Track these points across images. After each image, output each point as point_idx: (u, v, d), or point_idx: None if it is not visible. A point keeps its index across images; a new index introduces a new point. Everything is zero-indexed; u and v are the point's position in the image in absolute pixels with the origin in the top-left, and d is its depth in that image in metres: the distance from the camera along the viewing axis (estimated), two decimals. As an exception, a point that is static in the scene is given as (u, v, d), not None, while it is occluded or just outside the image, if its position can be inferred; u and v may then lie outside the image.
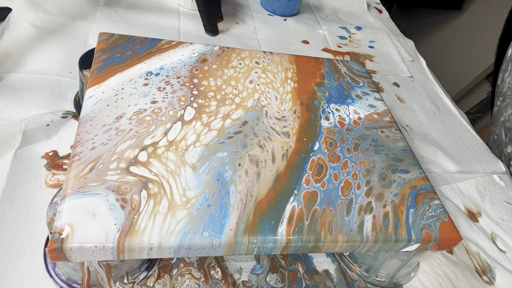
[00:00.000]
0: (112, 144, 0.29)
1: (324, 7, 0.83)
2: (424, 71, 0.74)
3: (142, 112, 0.33)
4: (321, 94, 0.41)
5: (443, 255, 0.41)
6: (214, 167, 0.30)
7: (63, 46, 0.51)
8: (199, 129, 0.33)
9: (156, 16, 0.63)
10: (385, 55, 0.74)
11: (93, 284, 0.29)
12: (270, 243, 0.27)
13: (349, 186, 0.32)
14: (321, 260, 0.38)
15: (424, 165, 0.52)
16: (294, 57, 0.45)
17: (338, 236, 0.29)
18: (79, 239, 0.24)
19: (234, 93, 0.38)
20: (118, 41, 0.39)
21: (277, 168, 0.32)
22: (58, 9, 0.57)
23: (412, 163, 0.36)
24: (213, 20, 0.61)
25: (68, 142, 0.40)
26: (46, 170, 0.37)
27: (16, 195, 0.35)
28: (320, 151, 0.35)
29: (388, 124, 0.40)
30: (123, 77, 0.35)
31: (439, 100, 0.68)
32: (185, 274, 0.33)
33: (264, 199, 0.29)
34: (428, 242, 0.31)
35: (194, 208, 0.27)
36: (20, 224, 0.33)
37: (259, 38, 0.67)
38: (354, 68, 0.47)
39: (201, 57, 0.41)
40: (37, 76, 0.46)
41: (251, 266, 0.36)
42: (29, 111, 0.41)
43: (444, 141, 0.59)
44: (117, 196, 0.26)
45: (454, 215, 0.47)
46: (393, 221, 0.31)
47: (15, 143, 0.38)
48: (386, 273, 0.37)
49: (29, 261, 0.31)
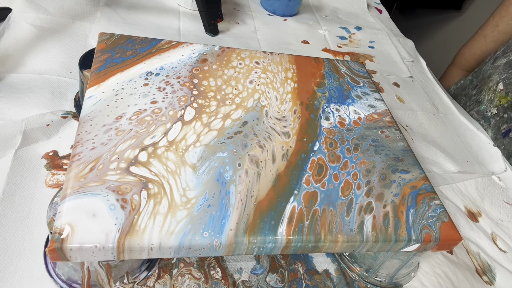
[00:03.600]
0: (112, 144, 0.29)
1: (324, 7, 0.83)
2: (424, 71, 0.74)
3: (142, 112, 0.33)
4: (321, 94, 0.41)
5: (443, 255, 0.41)
6: (214, 167, 0.30)
7: (63, 46, 0.51)
8: (199, 129, 0.33)
9: (156, 16, 0.63)
10: (385, 55, 0.74)
11: (93, 284, 0.29)
12: (270, 243, 0.27)
13: (349, 186, 0.32)
14: (321, 260, 0.38)
15: (424, 165, 0.52)
16: (294, 57, 0.45)
17: (338, 236, 0.29)
18: (79, 239, 0.24)
19: (234, 93, 0.38)
20: (118, 41, 0.39)
21: (277, 168, 0.32)
22: (58, 9, 0.57)
23: (412, 163, 0.36)
24: (213, 20, 0.61)
25: (68, 142, 0.40)
26: (46, 170, 0.37)
27: (16, 195, 0.35)
28: (320, 151, 0.35)
29: (388, 124, 0.40)
30: (123, 77, 0.35)
31: (439, 100, 0.68)
32: (185, 274, 0.33)
33: (264, 199, 0.29)
34: (428, 242, 0.31)
35: (194, 208, 0.27)
36: (20, 224, 0.33)
37: (259, 38, 0.67)
38: (354, 68, 0.47)
39: (201, 57, 0.41)
40: (37, 76, 0.46)
41: (251, 266, 0.36)
42: (29, 111, 0.41)
43: (444, 141, 0.59)
44: (117, 196, 0.26)
45: (454, 215, 0.47)
46: (393, 221, 0.31)
47: (15, 143, 0.38)
48: (386, 273, 0.37)
49: (29, 261, 0.31)
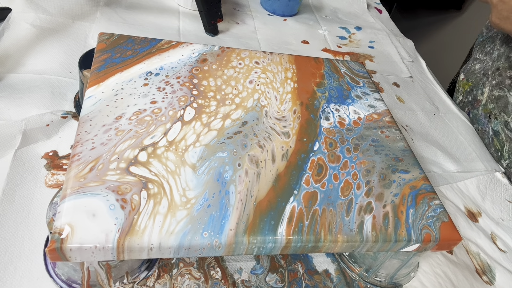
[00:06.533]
0: (111, 144, 0.29)
1: (324, 7, 0.83)
2: (424, 71, 0.74)
3: (142, 112, 0.33)
4: (321, 94, 0.41)
5: (443, 255, 0.41)
6: (214, 167, 0.30)
7: (63, 46, 0.51)
8: (199, 129, 0.33)
9: (156, 16, 0.63)
10: (385, 55, 0.74)
11: (93, 284, 0.29)
12: (270, 243, 0.27)
13: (349, 186, 0.32)
14: (321, 260, 0.38)
15: (424, 165, 0.52)
16: (294, 57, 0.45)
17: (338, 236, 0.29)
18: (79, 239, 0.24)
19: (234, 93, 0.38)
20: (118, 41, 0.39)
21: (277, 168, 0.32)
22: (58, 9, 0.57)
23: (412, 163, 0.36)
24: (213, 20, 0.61)
25: (68, 142, 0.40)
26: (46, 170, 0.37)
27: (16, 195, 0.35)
28: (320, 151, 0.35)
29: (388, 124, 0.40)
30: (122, 77, 0.35)
31: (439, 100, 0.68)
32: (185, 274, 0.33)
33: (264, 199, 0.29)
34: (428, 242, 0.31)
35: (194, 208, 0.27)
36: (20, 224, 0.33)
37: (259, 38, 0.67)
38: (354, 68, 0.47)
39: (201, 57, 0.41)
40: (37, 76, 0.46)
41: (251, 266, 0.36)
42: (29, 111, 0.41)
43: (445, 141, 0.59)
44: (117, 196, 0.26)
45: (454, 215, 0.47)
46: (393, 221, 0.31)
47: (15, 143, 0.38)
48: (386, 273, 0.37)
49: (29, 261, 0.31)
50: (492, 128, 0.57)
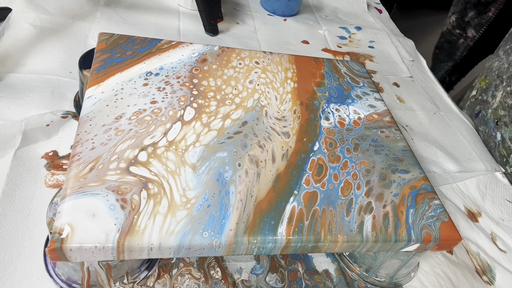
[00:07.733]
0: (111, 144, 0.29)
1: (324, 7, 0.83)
2: (424, 71, 0.74)
3: (142, 112, 0.33)
4: (321, 94, 0.41)
5: (443, 255, 0.41)
6: (214, 167, 0.30)
7: (63, 46, 0.51)
8: (199, 129, 0.33)
9: (156, 16, 0.63)
10: (385, 55, 0.74)
11: (93, 284, 0.29)
12: (270, 243, 0.27)
13: (349, 186, 0.32)
14: (321, 260, 0.38)
15: (424, 165, 0.52)
16: (294, 57, 0.45)
17: (338, 236, 0.29)
18: (79, 239, 0.24)
19: (234, 93, 0.38)
20: (118, 41, 0.39)
21: (277, 168, 0.32)
22: (58, 9, 0.57)
23: (412, 163, 0.36)
24: (213, 20, 0.61)
25: (68, 142, 0.40)
26: (46, 170, 0.37)
27: (16, 195, 0.35)
28: (320, 151, 0.35)
29: (388, 124, 0.40)
30: (122, 77, 0.35)
31: (439, 100, 0.68)
32: (185, 274, 0.33)
33: (264, 199, 0.29)
34: (428, 242, 0.31)
35: (194, 208, 0.27)
36: (20, 224, 0.33)
37: (259, 38, 0.67)
38: (354, 68, 0.47)
39: (201, 57, 0.41)
40: (37, 76, 0.46)
41: (251, 266, 0.36)
42: (29, 111, 0.41)
43: (445, 140, 0.59)
44: (117, 196, 0.26)
45: (454, 215, 0.47)
46: (393, 221, 0.31)
47: (15, 143, 0.38)
48: (386, 273, 0.37)
49: (29, 261, 0.31)
50: (501, 134, 0.56)
